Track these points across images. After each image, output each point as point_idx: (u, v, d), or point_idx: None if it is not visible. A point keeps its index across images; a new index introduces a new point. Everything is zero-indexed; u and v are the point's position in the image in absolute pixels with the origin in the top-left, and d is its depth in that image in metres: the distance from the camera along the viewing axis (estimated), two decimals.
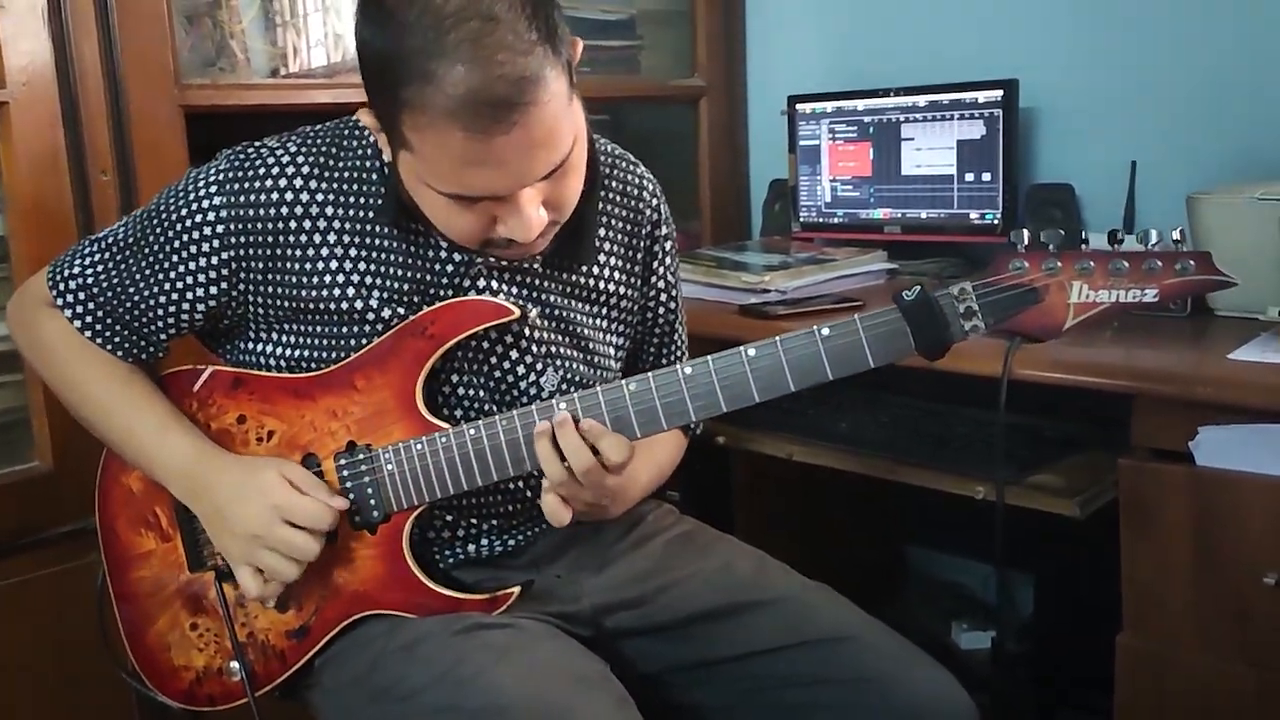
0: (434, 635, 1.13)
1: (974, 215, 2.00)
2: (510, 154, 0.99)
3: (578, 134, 1.06)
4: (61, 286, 1.20)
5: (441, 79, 0.95)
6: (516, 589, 1.17)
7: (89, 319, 1.20)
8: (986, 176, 1.97)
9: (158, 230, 1.16)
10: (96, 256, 1.20)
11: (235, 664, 1.21)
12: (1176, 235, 1.05)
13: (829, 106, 2.15)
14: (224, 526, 1.15)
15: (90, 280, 1.19)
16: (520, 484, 1.21)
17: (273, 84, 1.87)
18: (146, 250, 1.17)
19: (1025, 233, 1.08)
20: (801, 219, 2.23)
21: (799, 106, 2.20)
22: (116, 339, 1.20)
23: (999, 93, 1.94)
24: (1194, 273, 1.03)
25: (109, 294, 1.19)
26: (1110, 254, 1.05)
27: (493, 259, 1.17)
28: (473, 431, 1.12)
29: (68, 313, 1.20)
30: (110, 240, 1.20)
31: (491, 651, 1.10)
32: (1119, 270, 1.04)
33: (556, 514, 1.12)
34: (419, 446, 1.14)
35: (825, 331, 1.07)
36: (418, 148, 1.01)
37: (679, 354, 1.39)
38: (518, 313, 1.14)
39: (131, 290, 1.18)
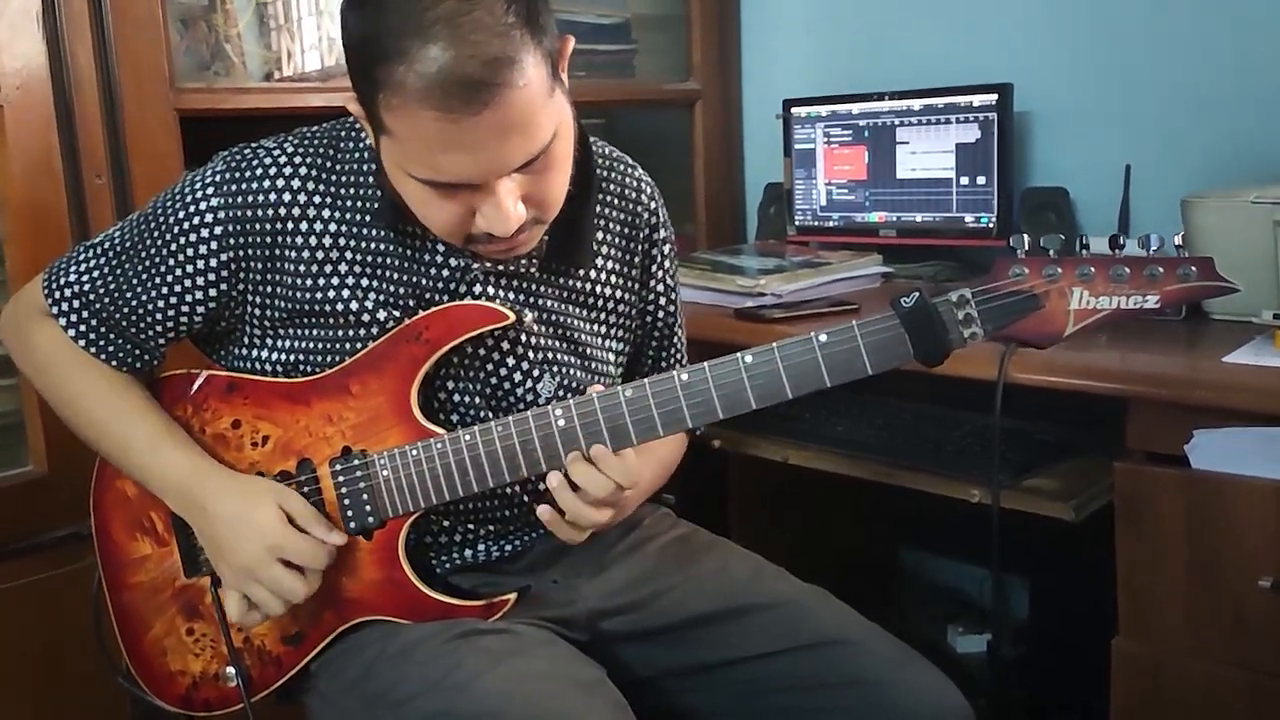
0: (429, 640, 1.13)
1: (969, 219, 2.00)
2: (482, 138, 0.98)
3: (560, 128, 1.05)
4: (57, 295, 1.19)
5: (414, 58, 0.95)
6: (512, 595, 1.16)
7: (83, 328, 1.19)
8: (981, 180, 1.97)
9: (155, 234, 1.16)
10: (93, 262, 1.19)
11: (231, 669, 1.21)
12: (1178, 241, 1.04)
13: (824, 110, 2.15)
14: (220, 553, 1.15)
15: (87, 287, 1.18)
16: (517, 489, 1.21)
17: (267, 88, 1.87)
18: (144, 253, 1.17)
19: (1025, 238, 1.08)
20: (797, 222, 2.23)
21: (794, 110, 2.20)
22: (111, 348, 1.20)
23: (993, 96, 1.94)
24: (1195, 279, 1.03)
25: (105, 300, 1.18)
26: (1111, 260, 1.04)
27: (489, 263, 1.16)
28: (468, 438, 1.12)
29: (62, 321, 1.19)
30: (107, 245, 1.20)
31: (487, 657, 1.10)
32: (1120, 276, 1.04)
33: (573, 538, 1.13)
34: (415, 452, 1.13)
35: (823, 338, 1.07)
36: (394, 130, 1.00)
37: (678, 358, 1.39)
38: (512, 317, 1.14)
39: (129, 295, 1.17)
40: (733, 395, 1.08)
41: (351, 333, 1.16)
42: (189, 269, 1.15)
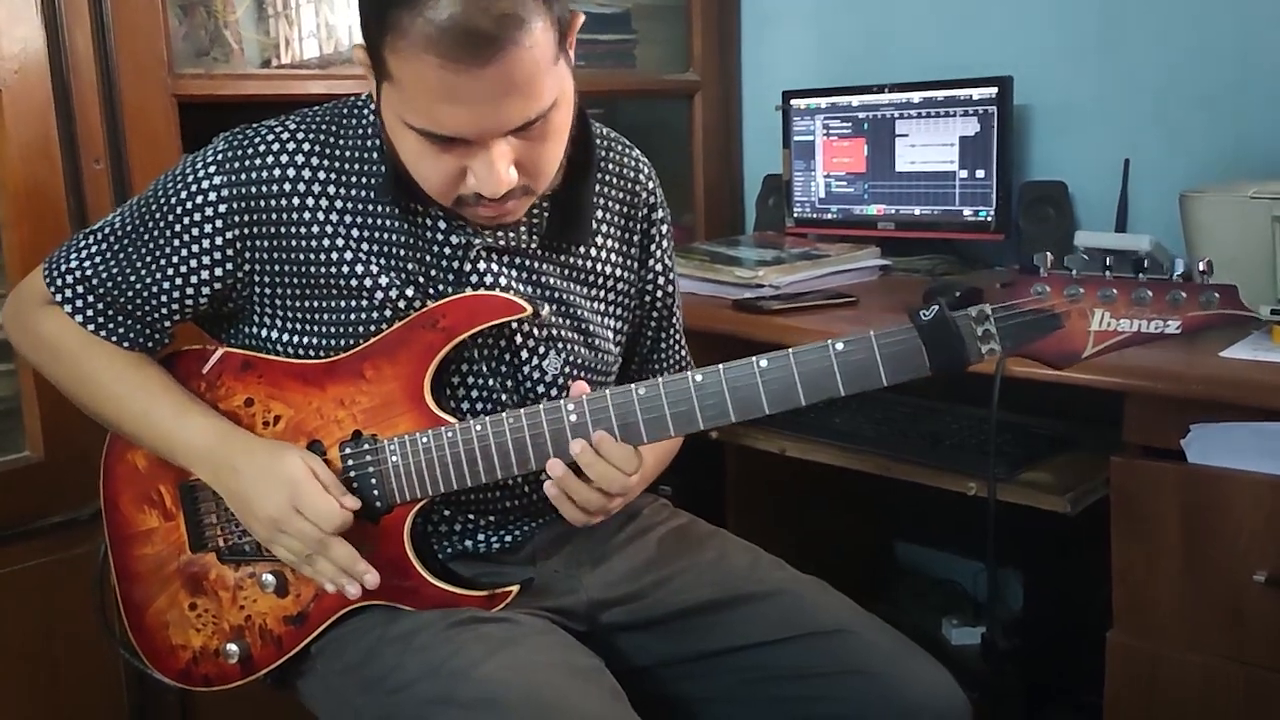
0: (430, 627, 1.13)
1: (967, 212, 2.00)
2: (483, 93, 0.99)
3: (560, 99, 1.06)
4: (59, 282, 1.18)
5: (427, 4, 0.96)
6: (515, 587, 1.16)
7: (90, 312, 1.18)
8: (980, 173, 1.98)
9: (157, 215, 1.16)
10: (94, 248, 1.19)
11: (232, 645, 1.21)
12: (1203, 266, 1.01)
13: (823, 102, 2.15)
14: (249, 509, 1.14)
15: (89, 272, 1.18)
16: (519, 481, 1.21)
17: (265, 74, 1.87)
18: (147, 236, 1.16)
19: (1049, 256, 1.05)
20: (795, 214, 2.23)
21: (794, 102, 2.20)
22: (121, 330, 1.19)
23: (993, 90, 1.94)
24: (1218, 306, 1.00)
25: (109, 284, 1.18)
26: (1134, 283, 1.02)
27: (489, 240, 1.17)
28: (479, 428, 1.12)
29: (68, 308, 1.19)
30: (107, 230, 1.19)
31: (486, 645, 1.10)
32: (1142, 300, 1.02)
33: (582, 520, 1.13)
34: (424, 440, 1.13)
35: (839, 346, 1.06)
36: (397, 76, 1.01)
37: (676, 338, 1.39)
38: (530, 309, 1.14)
39: (133, 279, 1.17)
40: (747, 398, 1.08)
41: (365, 315, 1.16)
42: (194, 249, 1.15)
